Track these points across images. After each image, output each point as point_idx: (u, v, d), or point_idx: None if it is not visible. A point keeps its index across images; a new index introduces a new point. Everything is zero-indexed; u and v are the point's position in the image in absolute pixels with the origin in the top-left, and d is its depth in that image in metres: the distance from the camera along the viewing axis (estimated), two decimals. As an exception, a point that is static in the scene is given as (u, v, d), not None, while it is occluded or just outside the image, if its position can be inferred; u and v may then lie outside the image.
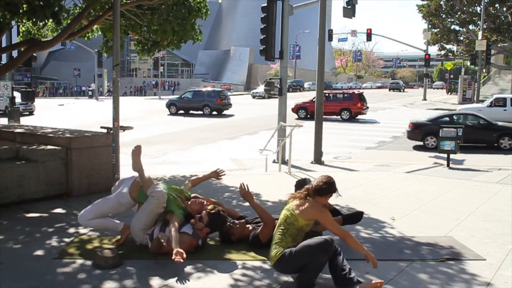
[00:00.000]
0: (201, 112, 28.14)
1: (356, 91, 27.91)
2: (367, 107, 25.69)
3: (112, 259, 4.32)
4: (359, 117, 25.12)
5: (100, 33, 9.95)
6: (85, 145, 7.35)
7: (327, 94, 24.87)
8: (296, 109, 25.79)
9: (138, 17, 9.25)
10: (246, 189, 4.80)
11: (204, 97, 28.52)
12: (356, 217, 5.09)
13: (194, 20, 9.30)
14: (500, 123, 15.32)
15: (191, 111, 28.45)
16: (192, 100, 28.27)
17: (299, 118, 24.78)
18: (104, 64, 46.96)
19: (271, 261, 4.03)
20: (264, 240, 4.61)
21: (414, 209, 6.60)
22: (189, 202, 4.93)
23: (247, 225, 4.95)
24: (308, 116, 24.32)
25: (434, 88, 69.96)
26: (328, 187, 4.04)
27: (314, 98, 24.66)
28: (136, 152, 4.97)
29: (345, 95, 25.75)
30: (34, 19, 6.37)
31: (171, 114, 28.43)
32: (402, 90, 60.47)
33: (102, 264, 4.27)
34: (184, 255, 4.07)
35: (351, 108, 24.50)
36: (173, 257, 4.02)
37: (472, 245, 4.99)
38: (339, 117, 24.68)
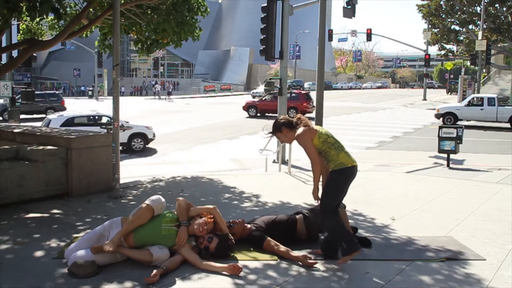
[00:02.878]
0: (44, 116, 25.82)
1: (303, 91, 30.05)
2: (313, 106, 25.74)
3: (91, 266, 4.08)
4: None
5: (95, 27, 9.89)
6: (85, 145, 7.35)
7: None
8: (246, 107, 27.29)
9: (138, 17, 9.25)
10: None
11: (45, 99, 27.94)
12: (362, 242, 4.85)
13: (193, 19, 9.30)
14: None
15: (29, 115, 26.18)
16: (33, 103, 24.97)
17: (250, 117, 26.26)
18: (104, 64, 46.97)
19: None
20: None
21: (414, 209, 6.59)
22: (192, 225, 4.51)
23: (246, 224, 4.96)
24: (258, 114, 26.54)
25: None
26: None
27: (263, 97, 27.27)
28: (94, 251, 4.22)
29: (292, 94, 26.50)
30: (33, 14, 6.34)
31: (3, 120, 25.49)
32: (436, 87, 73.78)
33: (80, 273, 4.02)
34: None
35: (297, 107, 25.17)
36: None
37: (472, 245, 4.99)
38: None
